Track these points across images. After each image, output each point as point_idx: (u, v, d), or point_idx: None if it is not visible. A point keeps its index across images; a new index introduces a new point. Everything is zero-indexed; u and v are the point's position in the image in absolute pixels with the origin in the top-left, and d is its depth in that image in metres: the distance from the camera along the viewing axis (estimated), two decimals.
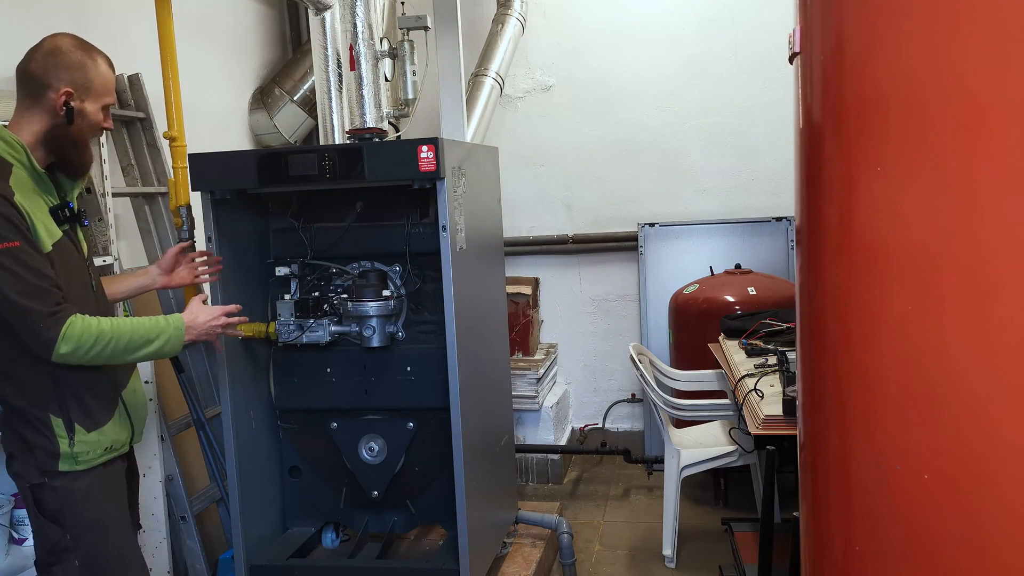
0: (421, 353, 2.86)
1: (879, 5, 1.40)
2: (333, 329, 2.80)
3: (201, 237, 2.79)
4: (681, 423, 4.02)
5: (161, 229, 3.42)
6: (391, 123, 3.20)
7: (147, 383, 2.97)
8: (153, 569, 3.05)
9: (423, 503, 2.97)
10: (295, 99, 4.32)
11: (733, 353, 3.31)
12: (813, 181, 1.62)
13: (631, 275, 5.06)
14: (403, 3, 3.76)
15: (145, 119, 3.34)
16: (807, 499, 1.77)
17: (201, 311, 2.21)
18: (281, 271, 2.89)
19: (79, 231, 2.16)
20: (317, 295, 2.88)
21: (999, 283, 1.26)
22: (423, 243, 2.82)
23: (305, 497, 3.04)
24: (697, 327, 4.18)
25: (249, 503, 2.82)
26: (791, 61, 1.72)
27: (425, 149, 2.46)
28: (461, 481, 2.64)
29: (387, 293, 2.78)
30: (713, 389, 3.83)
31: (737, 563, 3.16)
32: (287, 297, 2.85)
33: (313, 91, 3.86)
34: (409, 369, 2.87)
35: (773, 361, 3.01)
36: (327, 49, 3.00)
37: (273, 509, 3.00)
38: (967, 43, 1.27)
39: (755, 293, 4.16)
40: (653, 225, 4.90)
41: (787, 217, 4.75)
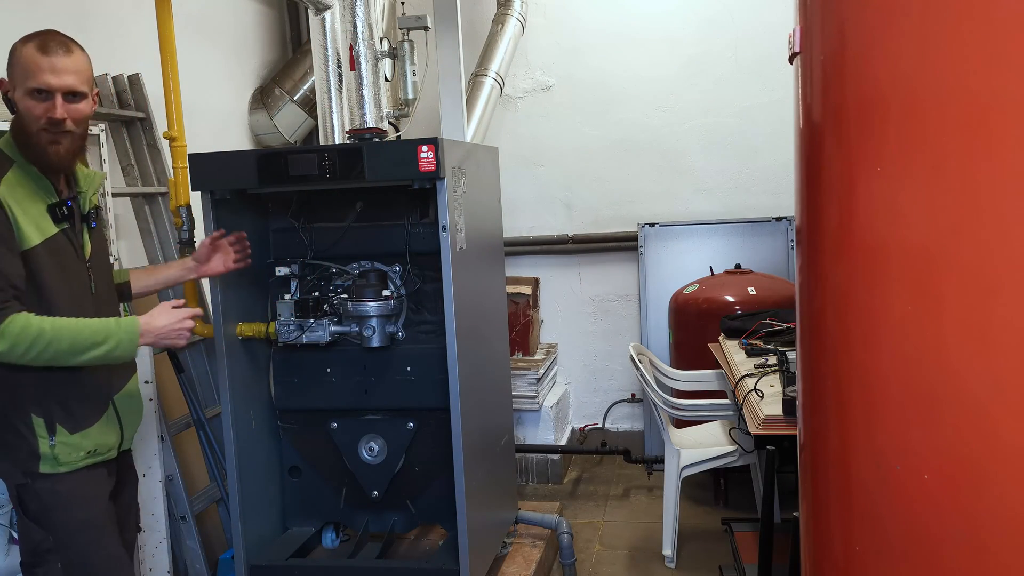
0: (421, 353, 2.86)
1: (879, 5, 1.40)
2: (333, 329, 2.80)
3: (201, 237, 2.79)
4: (681, 423, 4.02)
5: (161, 229, 3.42)
6: (391, 123, 3.20)
7: (147, 383, 2.97)
8: (153, 569, 3.05)
9: (423, 503, 2.97)
10: (295, 99, 4.32)
11: (733, 353, 3.31)
12: (813, 181, 1.62)
13: (631, 275, 5.06)
14: (403, 3, 3.76)
15: (145, 119, 3.34)
16: (807, 499, 1.77)
17: (162, 315, 2.10)
18: (281, 271, 2.89)
19: (86, 232, 2.15)
20: (317, 295, 2.88)
21: (999, 283, 1.26)
22: (423, 243, 2.82)
23: (305, 497, 3.04)
24: (697, 327, 4.18)
25: (249, 503, 2.82)
26: (791, 61, 1.72)
27: (425, 149, 2.46)
28: (461, 481, 2.64)
29: (387, 293, 2.78)
30: (713, 389, 3.83)
31: (737, 563, 3.16)
32: (287, 297, 2.85)
33: (313, 91, 3.86)
34: (409, 369, 2.87)
35: (773, 361, 3.01)
36: (327, 49, 3.01)
37: (273, 509, 2.99)
38: (967, 43, 1.27)
39: (755, 293, 4.16)
40: (653, 225, 4.90)
41: (787, 217, 4.75)
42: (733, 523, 3.42)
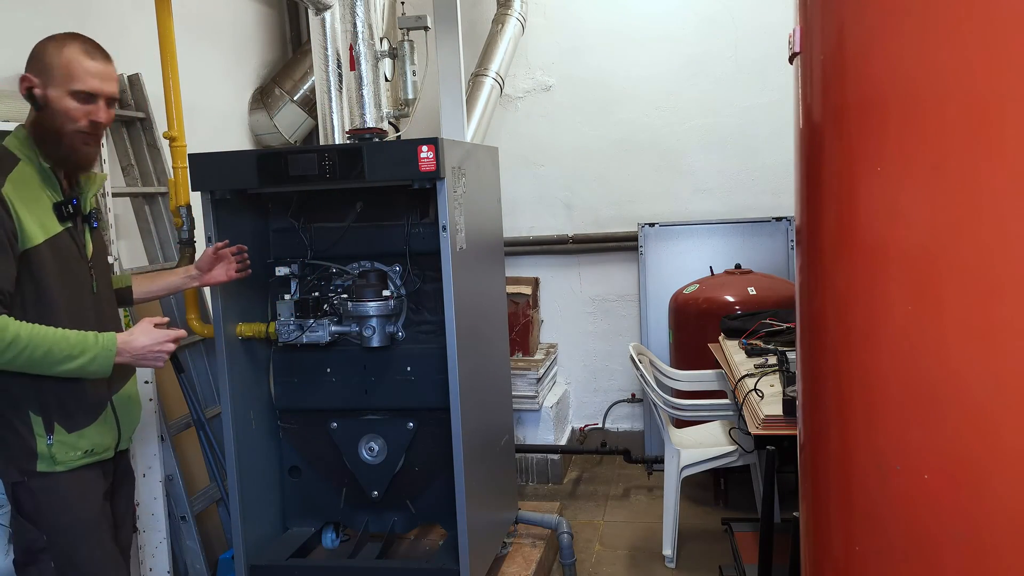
0: (421, 353, 2.86)
1: (879, 5, 1.40)
2: (333, 329, 2.80)
3: (201, 237, 2.79)
4: (681, 423, 4.02)
5: (161, 229, 3.42)
6: (391, 123, 3.20)
7: (147, 383, 2.97)
8: (153, 569, 3.06)
9: (423, 503, 2.97)
10: (295, 99, 4.32)
11: (733, 353, 3.31)
12: (813, 181, 1.62)
13: (631, 275, 5.06)
14: (403, 3, 3.76)
15: (145, 119, 3.34)
16: (807, 499, 1.77)
17: (144, 334, 2.05)
18: (281, 271, 2.89)
19: (88, 232, 2.15)
20: (317, 295, 2.88)
21: (999, 283, 1.26)
22: (423, 243, 2.82)
23: (305, 497, 3.04)
24: (697, 327, 4.18)
25: (249, 503, 2.82)
26: (791, 61, 1.72)
27: (425, 149, 2.46)
28: (461, 481, 2.64)
29: (387, 293, 2.78)
30: (713, 389, 3.83)
31: (737, 563, 3.16)
32: (287, 297, 2.85)
33: (313, 91, 3.86)
34: (409, 369, 2.87)
35: (773, 361, 3.01)
36: (327, 49, 3.00)
37: (273, 509, 3.00)
38: (967, 43, 1.27)
39: (755, 293, 4.17)
40: (653, 225, 4.90)
41: (787, 217, 4.75)
42: (733, 523, 3.42)
